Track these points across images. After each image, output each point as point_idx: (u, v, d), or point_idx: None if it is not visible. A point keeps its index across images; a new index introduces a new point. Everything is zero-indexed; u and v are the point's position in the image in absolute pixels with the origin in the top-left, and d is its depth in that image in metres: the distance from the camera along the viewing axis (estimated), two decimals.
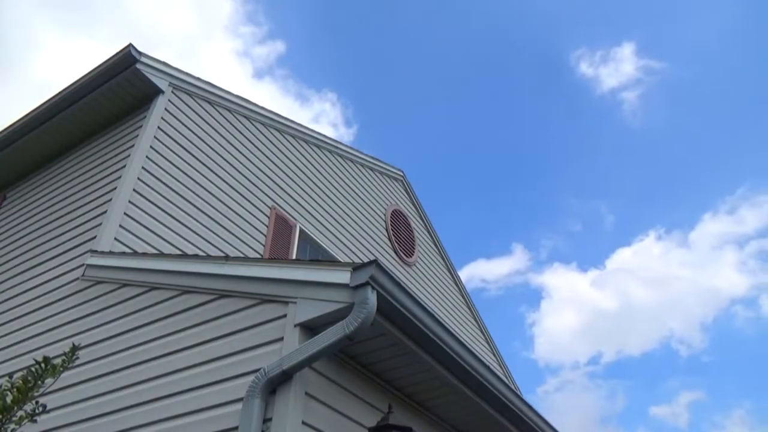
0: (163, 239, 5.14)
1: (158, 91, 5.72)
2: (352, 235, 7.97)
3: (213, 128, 6.29)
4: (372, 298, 2.62)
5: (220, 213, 5.90)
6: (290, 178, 7.19)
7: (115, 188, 5.04)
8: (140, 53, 5.52)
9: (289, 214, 6.89)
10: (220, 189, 6.03)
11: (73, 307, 4.45)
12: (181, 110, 5.94)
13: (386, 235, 8.92)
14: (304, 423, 2.63)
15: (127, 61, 5.51)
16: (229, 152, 6.36)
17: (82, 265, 4.65)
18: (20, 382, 2.10)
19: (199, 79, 6.29)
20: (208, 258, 3.71)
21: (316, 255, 7.09)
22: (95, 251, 4.60)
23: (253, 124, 6.92)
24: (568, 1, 20.86)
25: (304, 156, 7.61)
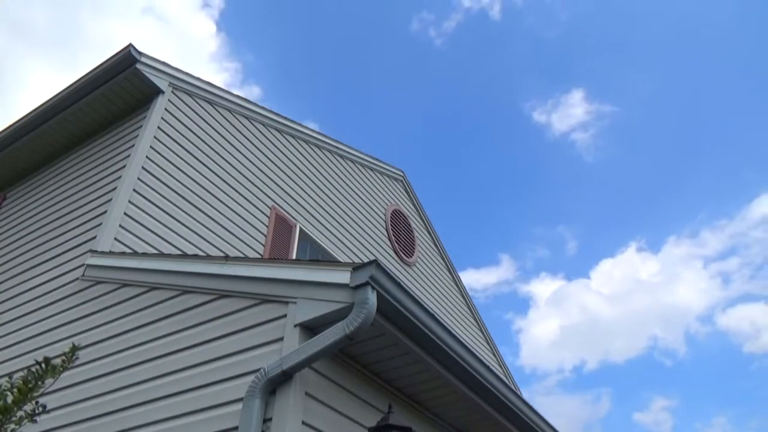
0: (163, 239, 5.14)
1: (158, 91, 5.72)
2: (352, 235, 7.97)
3: (213, 128, 6.29)
4: (372, 298, 2.62)
5: (220, 213, 5.90)
6: (290, 178, 7.19)
7: (115, 188, 5.04)
8: (140, 53, 5.52)
9: (289, 214, 6.89)
10: (220, 189, 6.03)
11: (73, 307, 4.45)
12: (181, 110, 5.94)
13: (386, 235, 8.92)
14: (304, 423, 2.63)
15: (127, 61, 5.51)
16: (229, 152, 6.36)
17: (82, 265, 4.65)
18: (20, 382, 2.10)
19: (199, 79, 6.29)
20: (208, 258, 3.71)
21: (316, 255, 7.10)
22: (95, 251, 4.60)
23: (253, 124, 6.92)
24: (518, 57, 22.71)
25: (304, 156, 7.61)
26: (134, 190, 5.05)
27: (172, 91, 5.89)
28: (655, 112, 23.26)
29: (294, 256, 6.58)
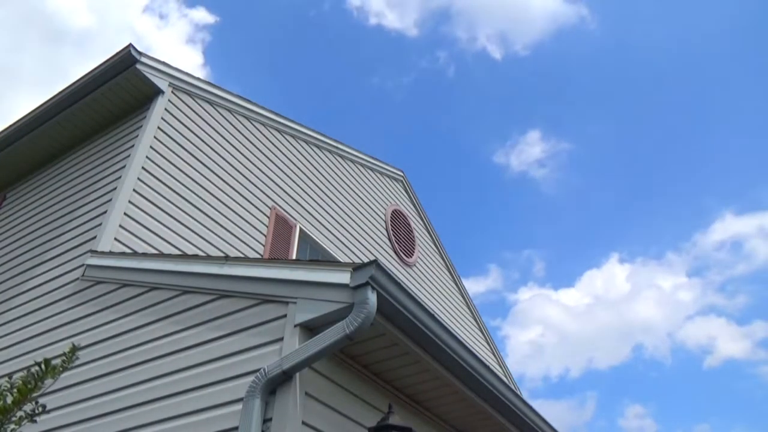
0: (163, 239, 5.14)
1: (158, 92, 5.72)
2: (352, 235, 7.97)
3: (213, 128, 6.29)
4: (372, 298, 2.62)
5: (220, 213, 5.90)
6: (290, 178, 7.19)
7: (115, 188, 5.04)
8: (140, 53, 5.52)
9: (289, 215, 6.89)
10: (220, 189, 6.03)
11: (73, 308, 4.45)
12: (181, 110, 5.94)
13: (386, 235, 8.92)
14: (304, 423, 2.63)
15: (127, 61, 5.51)
16: (229, 152, 6.36)
17: (82, 265, 4.64)
18: (20, 382, 2.10)
19: (199, 79, 6.29)
20: (208, 258, 3.71)
21: (316, 255, 7.09)
22: (95, 251, 4.60)
23: (253, 125, 6.92)
24: (475, 103, 24.47)
25: (304, 156, 7.61)
26: (134, 190, 5.05)
27: (172, 92, 5.89)
28: (610, 148, 25.56)
29: (294, 257, 6.58)
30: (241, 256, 5.84)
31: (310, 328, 2.86)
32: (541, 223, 28.23)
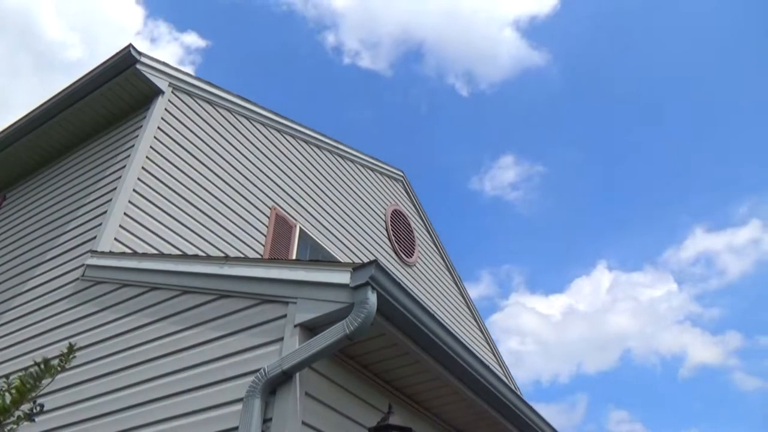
0: (163, 239, 5.13)
1: (158, 92, 5.72)
2: (352, 235, 7.97)
3: (213, 129, 6.29)
4: (372, 298, 2.61)
5: (220, 213, 5.90)
6: (290, 178, 7.19)
7: (115, 188, 5.04)
8: (140, 53, 5.52)
9: (289, 214, 6.89)
10: (220, 189, 6.03)
11: (73, 308, 4.45)
12: (181, 111, 5.94)
13: (386, 235, 8.91)
14: (304, 423, 2.63)
15: (127, 61, 5.51)
16: (229, 152, 6.36)
17: (82, 265, 4.64)
18: (18, 382, 2.10)
19: (199, 79, 6.29)
20: (208, 258, 3.70)
21: (316, 255, 7.09)
22: (95, 251, 4.60)
23: (253, 125, 6.92)
24: (447, 136, 25.62)
25: (304, 156, 7.61)
26: (134, 190, 5.05)
27: (172, 92, 5.88)
28: (582, 169, 26.64)
29: (294, 256, 6.58)
30: (241, 256, 5.84)
31: (310, 328, 2.86)
32: (517, 241, 29.65)
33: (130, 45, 5.46)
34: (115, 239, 4.73)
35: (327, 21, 24.81)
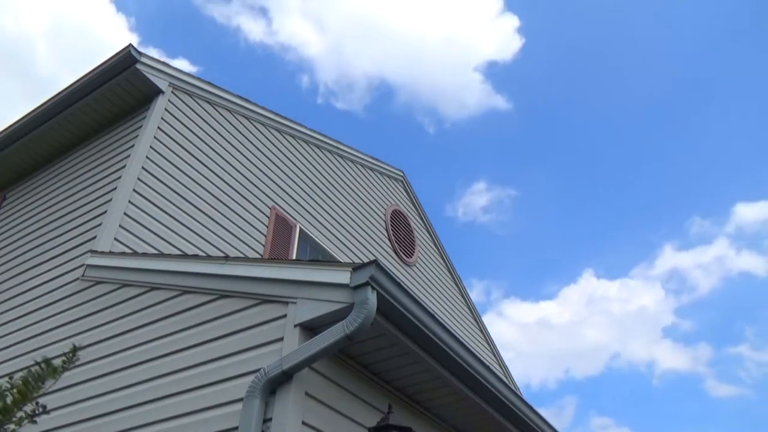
0: (163, 239, 5.14)
1: (158, 92, 5.72)
2: (352, 235, 7.97)
3: (213, 128, 6.29)
4: (372, 298, 2.62)
5: (220, 213, 5.90)
6: (290, 178, 7.19)
7: (115, 188, 5.04)
8: (140, 53, 5.52)
9: (289, 214, 6.89)
10: (220, 189, 6.03)
11: (73, 307, 4.45)
12: (181, 110, 5.94)
13: (386, 235, 8.92)
14: (304, 423, 2.63)
15: (127, 61, 5.51)
16: (229, 152, 6.36)
17: (82, 265, 4.65)
18: (20, 383, 2.10)
19: (199, 79, 6.29)
20: (208, 258, 3.71)
21: (316, 255, 7.10)
22: (95, 251, 4.60)
23: (253, 125, 6.92)
24: (419, 169, 26.57)
25: (304, 156, 7.61)
26: (134, 190, 5.05)
27: (172, 92, 5.89)
28: (552, 192, 27.69)
29: (294, 256, 6.58)
30: (241, 256, 5.85)
31: (310, 328, 2.86)
32: (495, 258, 30.67)
33: (130, 45, 5.46)
34: (115, 239, 4.73)
35: (304, 65, 25.98)
